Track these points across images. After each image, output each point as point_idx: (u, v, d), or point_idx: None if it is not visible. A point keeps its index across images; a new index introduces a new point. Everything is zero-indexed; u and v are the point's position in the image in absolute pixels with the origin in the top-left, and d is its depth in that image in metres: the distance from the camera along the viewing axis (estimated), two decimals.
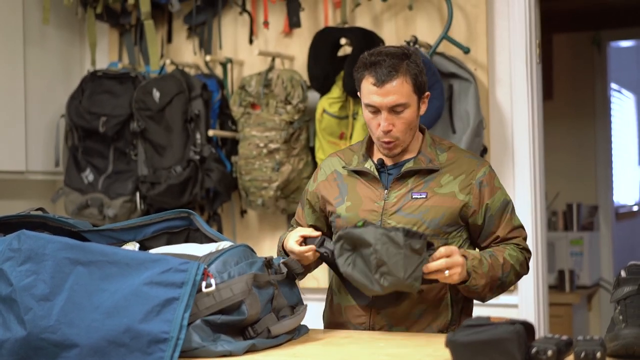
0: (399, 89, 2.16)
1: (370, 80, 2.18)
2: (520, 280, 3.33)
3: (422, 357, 1.80)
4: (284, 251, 2.27)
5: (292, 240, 2.21)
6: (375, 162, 2.27)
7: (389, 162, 2.27)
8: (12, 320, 1.82)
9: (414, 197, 2.20)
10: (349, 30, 3.48)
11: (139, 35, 4.02)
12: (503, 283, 2.20)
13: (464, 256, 2.09)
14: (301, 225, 2.40)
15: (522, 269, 2.26)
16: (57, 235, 2.02)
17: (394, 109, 2.17)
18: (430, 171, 2.23)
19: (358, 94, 2.26)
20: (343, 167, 2.32)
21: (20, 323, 1.81)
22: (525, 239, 2.30)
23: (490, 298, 2.23)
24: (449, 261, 2.04)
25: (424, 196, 2.20)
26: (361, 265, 2.01)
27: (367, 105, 2.21)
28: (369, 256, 1.98)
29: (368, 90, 2.19)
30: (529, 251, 2.30)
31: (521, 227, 2.29)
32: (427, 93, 2.26)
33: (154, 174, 3.66)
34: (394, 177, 2.23)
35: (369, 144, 2.32)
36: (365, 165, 2.27)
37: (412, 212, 2.18)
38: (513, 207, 2.29)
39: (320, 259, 2.21)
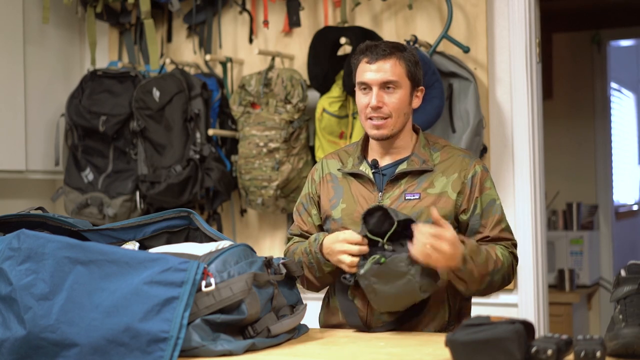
0: (391, 68, 2.20)
1: (365, 60, 2.23)
2: (520, 279, 3.39)
3: (422, 356, 1.80)
4: (317, 256, 2.20)
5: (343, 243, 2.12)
6: (370, 162, 2.27)
7: (382, 162, 2.27)
8: (12, 320, 1.82)
9: (407, 198, 2.19)
10: (348, 30, 3.48)
11: (139, 35, 4.02)
12: (492, 281, 2.13)
13: (462, 242, 2.03)
14: (308, 233, 2.34)
15: (509, 274, 2.20)
16: (56, 234, 2.02)
17: (385, 86, 2.20)
18: (423, 171, 2.22)
19: (355, 84, 2.27)
20: (338, 169, 2.32)
21: (20, 322, 1.81)
22: (515, 245, 2.25)
23: (473, 294, 2.19)
24: (434, 235, 2.00)
25: (417, 197, 2.19)
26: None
27: (360, 84, 2.23)
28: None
29: (362, 69, 2.23)
30: (516, 258, 2.24)
31: (511, 232, 2.26)
32: (421, 88, 2.28)
33: (153, 173, 3.65)
34: (387, 179, 2.23)
35: (364, 144, 2.32)
36: (361, 168, 2.27)
37: (405, 213, 2.15)
38: (502, 210, 2.25)
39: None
